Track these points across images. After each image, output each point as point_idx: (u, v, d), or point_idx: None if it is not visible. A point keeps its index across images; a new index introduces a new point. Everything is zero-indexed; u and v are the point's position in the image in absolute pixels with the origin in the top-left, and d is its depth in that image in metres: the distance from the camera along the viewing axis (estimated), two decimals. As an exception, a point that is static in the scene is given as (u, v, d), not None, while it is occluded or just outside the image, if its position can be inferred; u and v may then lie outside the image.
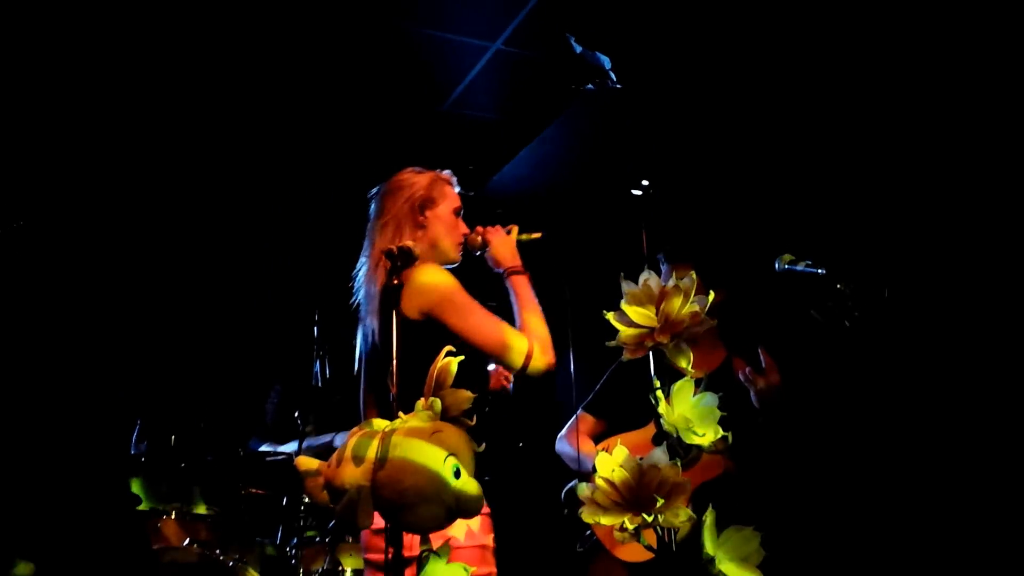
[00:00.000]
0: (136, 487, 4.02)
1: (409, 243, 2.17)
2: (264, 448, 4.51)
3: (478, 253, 2.54)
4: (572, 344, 2.28)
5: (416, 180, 2.52)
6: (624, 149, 4.36)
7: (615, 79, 3.58)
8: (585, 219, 3.08)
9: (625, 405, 3.07)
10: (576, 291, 2.41)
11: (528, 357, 2.25)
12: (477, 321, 2.25)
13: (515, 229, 2.56)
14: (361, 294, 2.45)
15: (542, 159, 5.03)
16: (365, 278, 2.43)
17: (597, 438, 3.16)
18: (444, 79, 4.57)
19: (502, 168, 5.17)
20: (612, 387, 3.20)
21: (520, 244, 2.53)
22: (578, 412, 3.23)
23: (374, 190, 2.59)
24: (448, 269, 2.42)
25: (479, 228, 2.54)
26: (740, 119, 4.13)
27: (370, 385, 2.41)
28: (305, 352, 4.42)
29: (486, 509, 2.24)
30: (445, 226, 2.48)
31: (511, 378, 2.51)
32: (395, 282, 2.09)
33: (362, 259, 2.50)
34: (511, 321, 2.36)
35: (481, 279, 2.46)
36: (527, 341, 2.26)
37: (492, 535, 2.26)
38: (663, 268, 3.10)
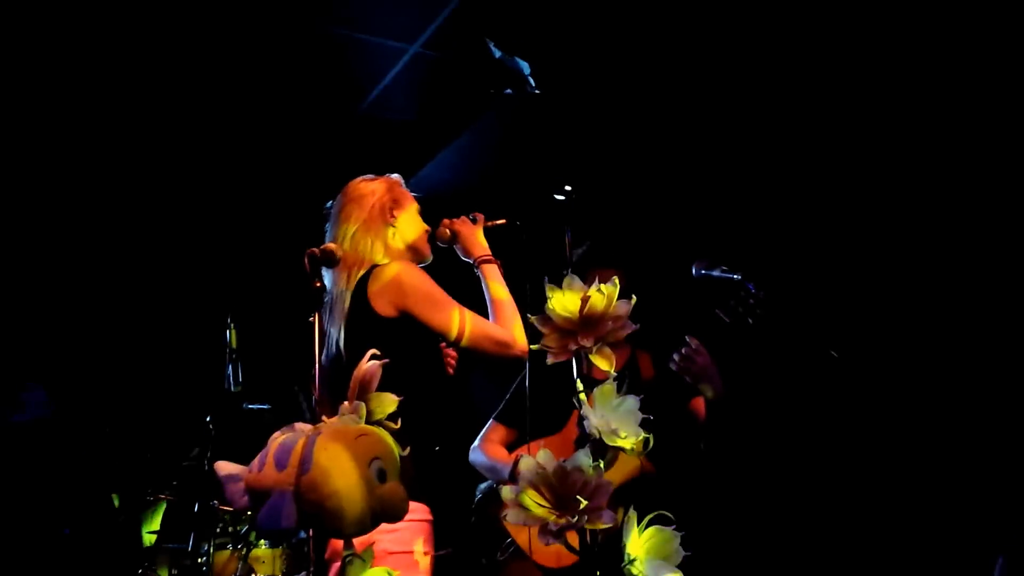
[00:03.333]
0: None
1: (332, 246, 2.16)
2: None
3: (447, 246, 2.56)
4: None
5: (374, 186, 2.52)
6: (544, 153, 4.39)
7: (534, 84, 3.60)
8: (507, 222, 3.11)
9: (536, 413, 3.09)
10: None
11: (508, 347, 2.28)
12: (450, 314, 2.27)
13: (481, 218, 2.58)
14: (326, 300, 2.39)
15: (461, 162, 5.04)
16: (332, 286, 2.37)
17: (510, 447, 3.17)
18: (362, 81, 4.53)
19: (420, 171, 5.15)
20: (522, 396, 3.22)
21: (487, 232, 2.55)
22: (490, 422, 3.23)
23: (329, 204, 2.56)
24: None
25: (445, 220, 2.56)
26: (658, 125, 4.20)
27: (328, 389, 2.34)
28: (217, 356, 4.33)
29: (428, 517, 2.22)
30: (414, 225, 2.50)
31: (454, 364, 2.52)
32: (317, 285, 2.07)
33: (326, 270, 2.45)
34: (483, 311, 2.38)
35: (449, 273, 2.47)
36: (503, 331, 2.30)
37: (430, 543, 2.22)
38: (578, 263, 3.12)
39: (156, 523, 4.34)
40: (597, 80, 4.08)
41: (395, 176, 2.60)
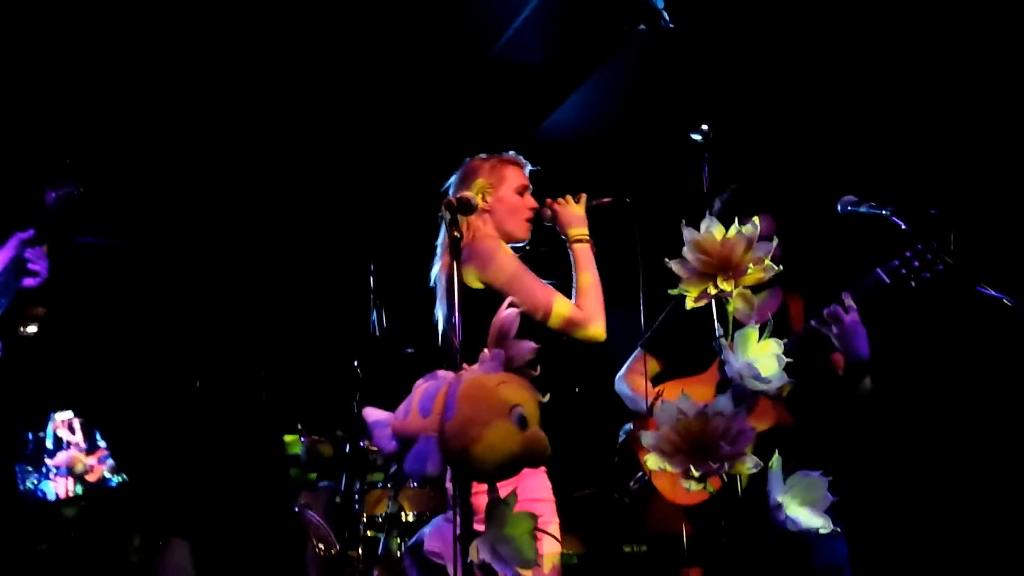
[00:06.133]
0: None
1: (468, 194, 2.20)
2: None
3: (550, 224, 2.67)
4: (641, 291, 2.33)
5: (477, 167, 2.69)
6: (679, 92, 4.27)
7: (668, 19, 3.50)
8: (641, 165, 3.03)
9: (684, 344, 3.06)
10: (639, 239, 2.41)
11: (575, 326, 2.43)
12: (530, 290, 2.41)
13: (583, 197, 2.66)
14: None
15: (593, 103, 4.97)
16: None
17: (656, 378, 3.16)
18: (492, 23, 4.51)
19: (551, 113, 5.11)
20: (671, 325, 3.20)
21: (591, 210, 2.64)
22: (636, 350, 3.22)
23: (449, 181, 2.74)
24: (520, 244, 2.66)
25: (548, 200, 2.68)
26: (798, 58, 4.01)
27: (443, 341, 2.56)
28: (362, 302, 4.46)
29: (543, 468, 2.31)
30: (508, 208, 2.64)
31: None
32: (456, 235, 2.11)
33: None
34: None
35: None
36: (577, 311, 2.44)
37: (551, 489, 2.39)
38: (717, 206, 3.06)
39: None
40: (734, 11, 3.93)
41: (509, 154, 2.73)
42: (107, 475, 3.63)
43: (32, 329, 3.83)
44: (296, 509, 4.03)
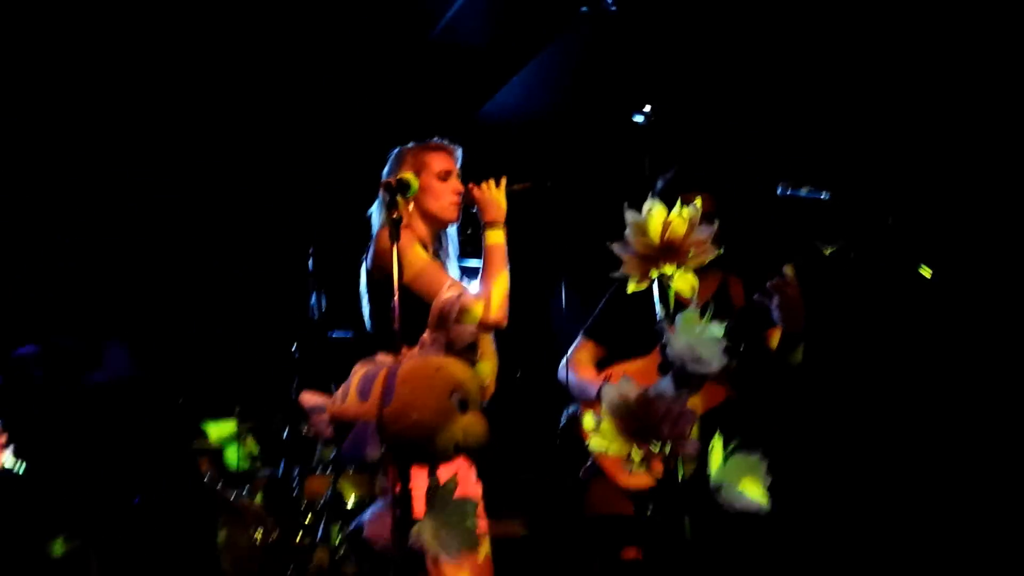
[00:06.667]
0: None
1: (407, 175, 2.19)
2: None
3: (473, 210, 2.71)
4: (566, 275, 2.34)
5: (403, 155, 2.73)
6: (621, 74, 4.27)
7: (611, 1, 3.49)
8: (584, 147, 3.02)
9: (626, 329, 3.06)
10: (577, 222, 2.40)
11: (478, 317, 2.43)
12: (427, 279, 2.45)
13: (504, 181, 2.68)
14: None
15: (536, 85, 4.94)
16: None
17: (599, 363, 3.15)
18: (433, 3, 4.46)
19: (494, 95, 5.07)
20: (613, 311, 3.19)
21: (512, 195, 2.66)
22: (579, 337, 3.21)
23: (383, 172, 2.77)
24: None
25: (471, 185, 2.71)
26: (742, 39, 4.03)
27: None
28: (301, 286, 4.40)
29: None
30: (432, 193, 2.68)
31: None
32: (394, 216, 2.08)
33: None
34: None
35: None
36: (479, 301, 2.41)
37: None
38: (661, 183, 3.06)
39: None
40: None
41: (432, 141, 2.77)
42: (9, 462, 3.52)
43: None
44: (234, 496, 3.97)
